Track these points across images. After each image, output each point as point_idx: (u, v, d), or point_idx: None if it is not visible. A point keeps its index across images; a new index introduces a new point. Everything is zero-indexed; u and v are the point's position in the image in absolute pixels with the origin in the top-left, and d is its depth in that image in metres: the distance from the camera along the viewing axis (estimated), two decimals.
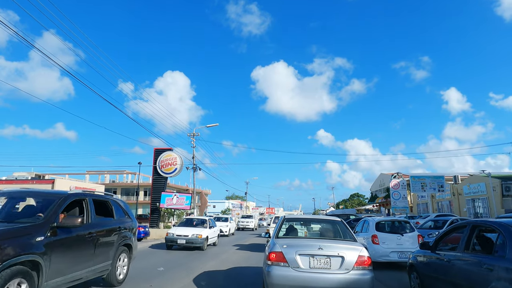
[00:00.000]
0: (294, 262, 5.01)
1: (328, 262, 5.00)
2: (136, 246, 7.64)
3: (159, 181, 32.48)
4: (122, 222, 6.91)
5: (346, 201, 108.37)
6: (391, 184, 25.88)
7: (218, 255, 13.07)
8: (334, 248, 5.13)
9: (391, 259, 9.62)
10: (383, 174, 65.74)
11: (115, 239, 6.47)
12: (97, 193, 7.07)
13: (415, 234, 10.07)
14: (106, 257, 6.17)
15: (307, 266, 5.00)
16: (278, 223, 6.63)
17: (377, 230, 10.17)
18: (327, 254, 5.03)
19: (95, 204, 6.21)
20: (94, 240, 5.74)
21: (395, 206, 25.59)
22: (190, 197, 28.24)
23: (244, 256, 13.11)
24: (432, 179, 25.69)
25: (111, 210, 6.74)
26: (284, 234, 6.38)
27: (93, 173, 74.25)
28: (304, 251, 5.09)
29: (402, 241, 9.83)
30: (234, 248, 16.41)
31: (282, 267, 5.04)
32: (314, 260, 5.02)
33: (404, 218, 12.33)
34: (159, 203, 27.58)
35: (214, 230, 16.57)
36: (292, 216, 7.61)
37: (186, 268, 9.80)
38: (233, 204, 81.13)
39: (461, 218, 16.07)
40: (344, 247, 5.21)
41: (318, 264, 5.01)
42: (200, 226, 15.82)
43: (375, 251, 9.69)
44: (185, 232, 14.52)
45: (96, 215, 6.06)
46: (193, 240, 14.14)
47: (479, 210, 31.48)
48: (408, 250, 9.61)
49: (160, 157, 32.29)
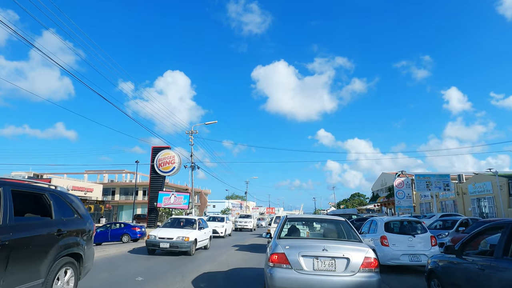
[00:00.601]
0: (297, 264, 4.81)
1: (333, 264, 4.80)
2: (90, 255, 5.94)
3: (157, 180, 31.83)
4: (65, 224, 5.21)
5: (347, 200, 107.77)
6: (395, 182, 25.13)
7: (209, 261, 11.39)
8: (339, 249, 4.92)
9: (402, 262, 8.85)
10: (385, 173, 65.00)
11: (50, 248, 4.76)
12: (27, 181, 5.48)
13: (427, 235, 9.31)
14: (32, 275, 4.42)
15: (311, 268, 4.79)
16: (280, 223, 6.36)
17: (386, 231, 9.40)
18: (331, 255, 4.82)
19: (21, 199, 4.75)
20: (7, 251, 4.00)
21: (399, 205, 24.83)
22: (188, 196, 27.49)
23: (244, 258, 12.18)
24: (438, 177, 24.92)
25: (48, 207, 5.11)
26: (286, 235, 6.11)
27: (91, 172, 73.54)
28: (308, 252, 4.89)
29: (413, 242, 9.07)
30: (230, 251, 14.79)
31: (284, 269, 4.83)
32: (318, 261, 4.82)
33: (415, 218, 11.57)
34: (157, 202, 26.85)
35: (205, 231, 14.79)
36: (294, 216, 7.22)
37: (167, 278, 8.18)
38: (233, 204, 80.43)
39: (472, 218, 15.29)
40: (350, 248, 5.01)
41: (323, 266, 4.80)
42: (188, 227, 14.07)
43: (384, 253, 8.95)
44: (169, 234, 12.65)
45: (19, 214, 4.55)
46: (178, 244, 12.33)
47: (485, 210, 30.71)
48: (420, 253, 8.87)
49: (158, 155, 31.64)
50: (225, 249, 15.60)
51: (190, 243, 12.43)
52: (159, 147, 32.08)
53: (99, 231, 22.55)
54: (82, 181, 51.88)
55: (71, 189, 45.00)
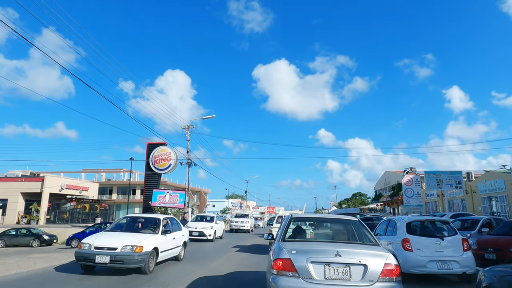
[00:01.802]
0: (306, 271, 4.18)
1: (347, 271, 4.16)
2: None
3: (152, 177, 30.42)
4: None
5: (348, 200, 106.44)
6: (404, 180, 23.69)
7: (176, 282, 7.64)
8: (354, 254, 4.28)
9: (429, 270, 7.41)
10: (388, 171, 63.54)
11: None
12: None
13: (458, 238, 7.85)
14: None
15: (322, 277, 4.17)
16: (284, 223, 5.62)
17: (408, 233, 7.98)
18: (346, 262, 4.19)
19: None
20: None
21: (408, 204, 23.41)
22: (184, 194, 26.05)
23: (236, 277, 8.39)
24: (449, 174, 23.48)
25: None
26: (291, 236, 5.42)
27: (89, 171, 72.28)
28: (318, 258, 4.25)
29: (442, 247, 7.62)
30: (215, 262, 10.77)
31: (290, 277, 4.20)
32: (330, 269, 4.18)
33: (441, 218, 10.12)
34: (151, 201, 25.44)
35: (175, 236, 10.46)
36: (299, 216, 6.31)
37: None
38: (233, 203, 79.04)
39: (495, 219, 13.82)
40: (367, 253, 4.34)
41: (335, 275, 4.17)
42: (148, 229, 9.75)
43: (407, 260, 7.52)
44: (112, 241, 8.50)
45: None
46: (124, 257, 8.11)
47: (497, 209, 29.26)
48: (450, 259, 7.43)
49: (154, 152, 30.22)
50: (209, 258, 11.85)
51: (144, 255, 8.30)
52: (154, 143, 30.66)
53: (89, 231, 21.21)
54: (78, 180, 50.45)
55: (65, 187, 43.63)
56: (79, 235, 21.29)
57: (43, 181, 41.15)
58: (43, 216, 40.60)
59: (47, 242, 25.55)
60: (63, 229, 30.74)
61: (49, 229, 29.74)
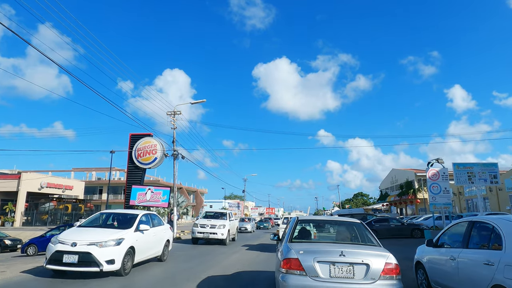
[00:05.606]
0: (313, 270, 4.37)
1: (351, 270, 4.35)
2: None
3: (135, 173, 26.61)
4: None
5: (350, 200, 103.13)
6: (429, 174, 19.99)
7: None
8: (357, 254, 4.47)
9: None
10: (395, 169, 59.85)
11: None
12: None
13: None
14: None
15: (327, 275, 4.35)
16: (291, 225, 5.74)
17: None
18: (350, 261, 4.38)
19: None
20: None
21: (434, 202, 19.71)
22: (169, 191, 22.23)
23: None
24: (482, 167, 19.75)
25: None
26: (297, 237, 5.53)
27: (79, 170, 68.90)
28: (324, 257, 4.45)
29: None
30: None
31: (298, 276, 4.39)
32: (335, 268, 4.37)
33: None
34: (129, 199, 21.69)
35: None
36: (305, 218, 6.62)
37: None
38: (230, 203, 75.20)
39: None
40: (369, 253, 4.54)
41: (340, 273, 4.35)
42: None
43: None
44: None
45: None
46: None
47: None
48: None
49: (137, 144, 26.42)
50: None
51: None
52: (138, 134, 26.88)
53: (49, 235, 17.37)
54: (61, 178, 46.58)
55: (45, 186, 39.85)
56: (36, 240, 17.48)
57: (19, 179, 37.37)
58: (19, 217, 36.85)
59: (9, 248, 21.80)
60: (40, 231, 27.12)
61: (22, 232, 26.21)
